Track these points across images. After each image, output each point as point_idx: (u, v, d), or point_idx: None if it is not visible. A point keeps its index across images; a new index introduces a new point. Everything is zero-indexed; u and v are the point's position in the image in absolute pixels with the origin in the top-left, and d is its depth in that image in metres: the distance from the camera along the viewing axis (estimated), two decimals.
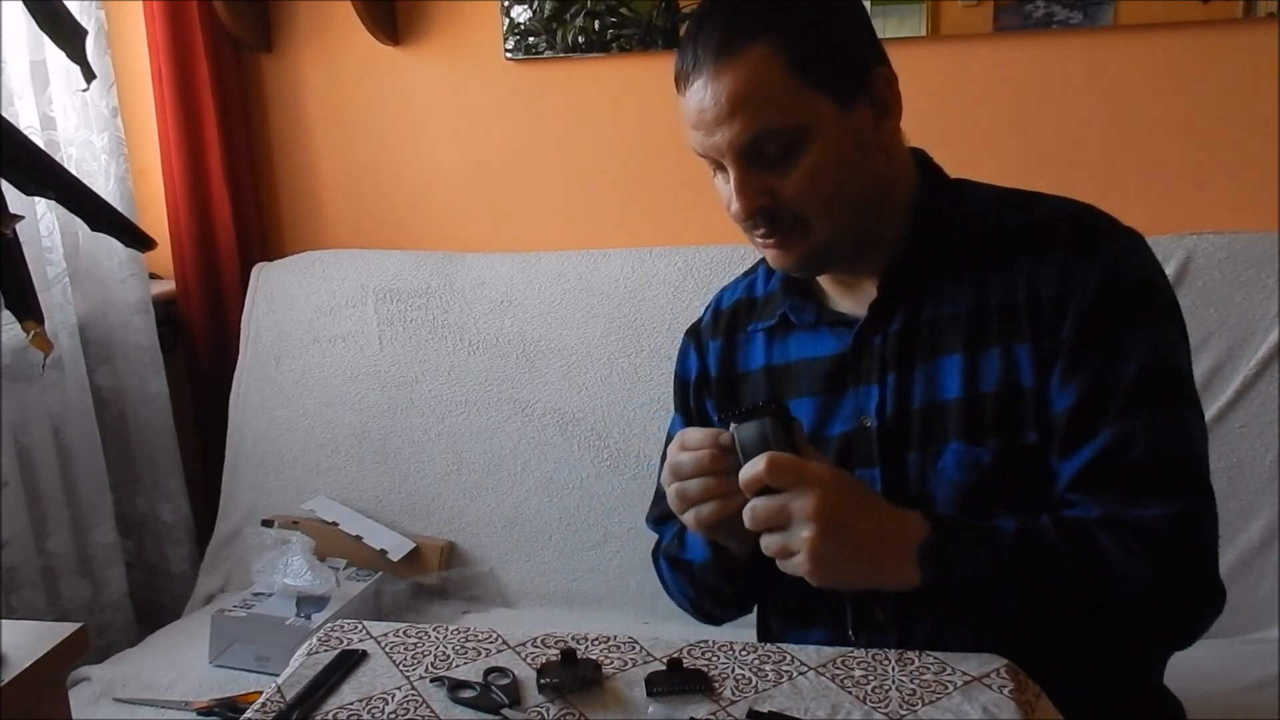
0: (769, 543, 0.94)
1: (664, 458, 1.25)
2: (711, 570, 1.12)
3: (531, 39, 2.00)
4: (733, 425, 0.97)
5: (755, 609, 1.24)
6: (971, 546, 0.96)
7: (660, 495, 1.25)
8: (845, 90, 1.00)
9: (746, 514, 0.94)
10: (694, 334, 1.25)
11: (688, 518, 1.00)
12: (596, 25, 1.96)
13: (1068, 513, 1.00)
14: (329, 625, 1.08)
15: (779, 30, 0.98)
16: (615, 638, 1.03)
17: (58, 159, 1.80)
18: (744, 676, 0.96)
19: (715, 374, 1.21)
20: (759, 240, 1.06)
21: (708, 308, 1.26)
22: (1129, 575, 0.95)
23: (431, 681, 0.98)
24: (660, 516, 1.24)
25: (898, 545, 0.95)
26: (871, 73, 1.03)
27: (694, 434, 1.00)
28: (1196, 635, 1.02)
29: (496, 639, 1.04)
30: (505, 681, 0.97)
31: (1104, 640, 1.01)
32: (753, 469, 0.93)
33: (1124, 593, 0.96)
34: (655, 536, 1.28)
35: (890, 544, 0.95)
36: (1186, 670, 1.15)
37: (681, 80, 1.02)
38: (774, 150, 0.99)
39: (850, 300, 1.11)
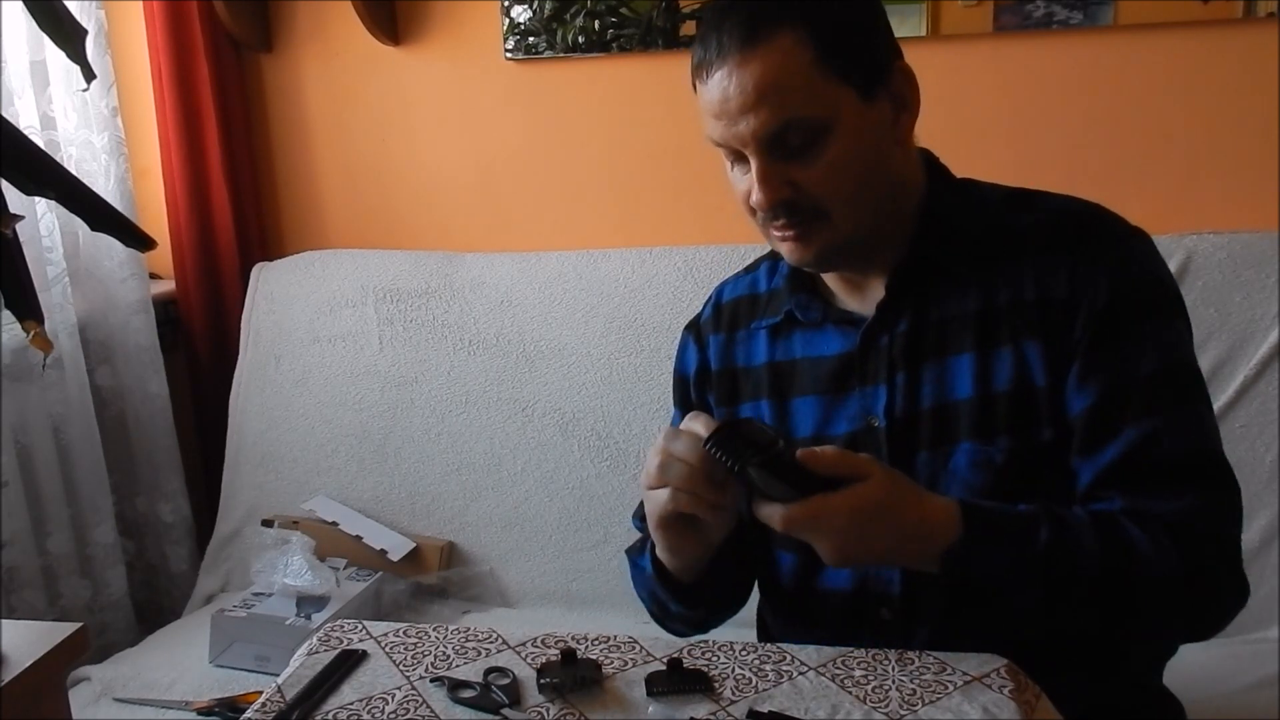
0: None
1: None
2: (657, 583, 1.11)
3: (531, 39, 2.00)
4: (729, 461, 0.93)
5: (755, 609, 1.24)
6: (996, 555, 0.95)
7: None
8: (868, 83, 1.00)
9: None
10: (693, 328, 1.25)
11: (658, 508, 0.99)
12: (596, 25, 1.96)
13: (1093, 506, 1.00)
14: (329, 625, 1.08)
15: (806, 19, 0.97)
16: (615, 638, 1.03)
17: (58, 159, 1.80)
18: (744, 676, 0.96)
19: (716, 368, 1.20)
20: (776, 233, 1.04)
21: (707, 301, 1.26)
22: (1158, 565, 0.95)
23: (431, 681, 0.98)
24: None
25: (920, 550, 0.95)
26: (892, 67, 1.03)
27: (684, 445, 0.96)
28: (1220, 627, 1.02)
29: (496, 639, 1.04)
30: (505, 681, 0.97)
31: (1126, 632, 1.01)
32: (769, 523, 0.93)
33: (1150, 584, 0.96)
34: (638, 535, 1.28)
35: (912, 549, 0.95)
36: (1186, 670, 1.15)
37: (703, 69, 1.00)
38: (797, 141, 0.98)
39: (857, 300, 1.10)
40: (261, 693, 0.99)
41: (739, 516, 0.99)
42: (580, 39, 1.97)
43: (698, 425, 0.96)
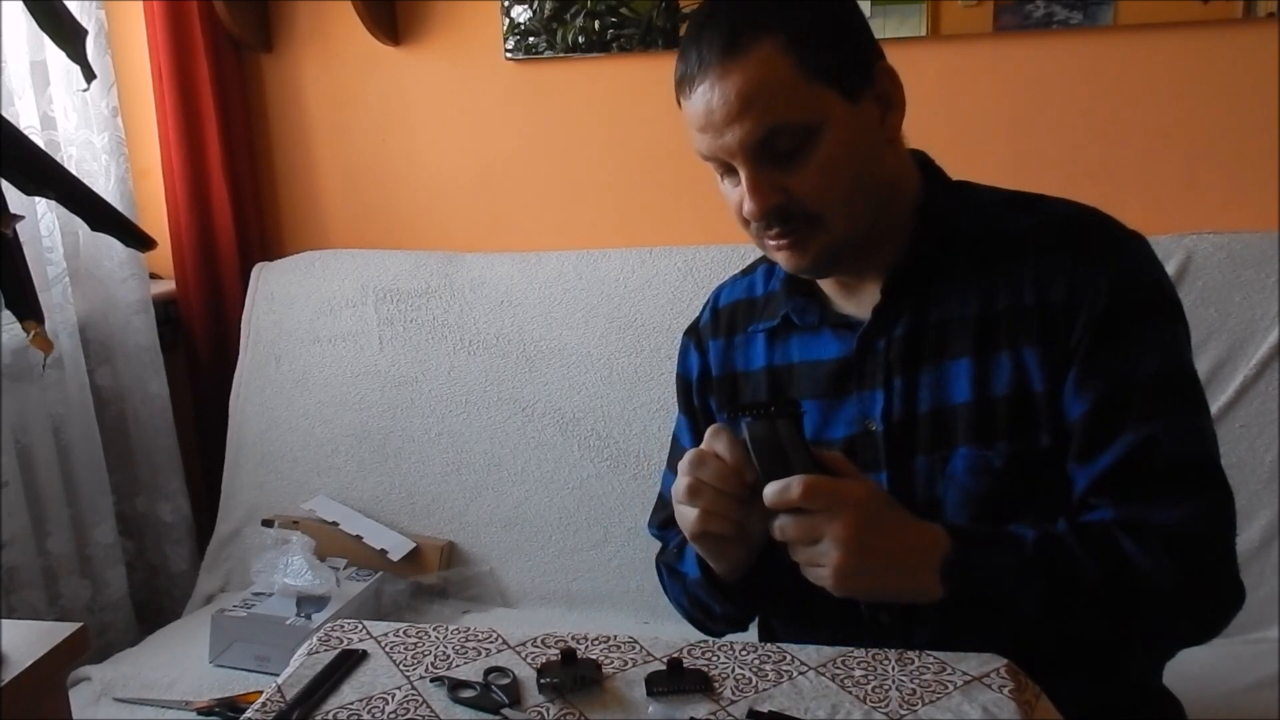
0: (796, 555, 0.95)
1: (669, 462, 1.25)
2: (702, 587, 1.11)
3: (531, 39, 2.00)
4: (744, 424, 0.95)
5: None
6: (994, 559, 0.96)
7: (663, 501, 1.25)
8: (852, 85, 1.00)
9: (776, 529, 0.94)
10: (693, 333, 1.25)
11: (688, 527, 1.00)
12: (596, 25, 1.96)
13: (1086, 517, 1.00)
14: (329, 625, 1.08)
15: (784, 27, 0.97)
16: (615, 638, 1.03)
17: (58, 159, 1.80)
18: (744, 676, 0.96)
19: (716, 374, 1.20)
20: (770, 242, 1.04)
21: (705, 305, 1.26)
22: (1153, 577, 0.96)
23: (431, 681, 0.98)
24: (664, 522, 1.24)
25: (921, 561, 0.95)
26: (875, 67, 1.03)
27: (711, 470, 0.97)
28: (1216, 632, 1.02)
29: (496, 639, 1.04)
30: (505, 681, 0.97)
31: (1125, 641, 1.02)
32: (785, 493, 0.92)
33: (1148, 594, 0.96)
34: (657, 542, 1.28)
35: (914, 560, 0.95)
36: (1186, 670, 1.15)
37: (686, 84, 1.01)
38: (785, 147, 0.99)
39: (854, 303, 1.10)
40: (261, 693, 0.99)
41: None
42: (580, 39, 1.97)
43: (719, 443, 0.97)
